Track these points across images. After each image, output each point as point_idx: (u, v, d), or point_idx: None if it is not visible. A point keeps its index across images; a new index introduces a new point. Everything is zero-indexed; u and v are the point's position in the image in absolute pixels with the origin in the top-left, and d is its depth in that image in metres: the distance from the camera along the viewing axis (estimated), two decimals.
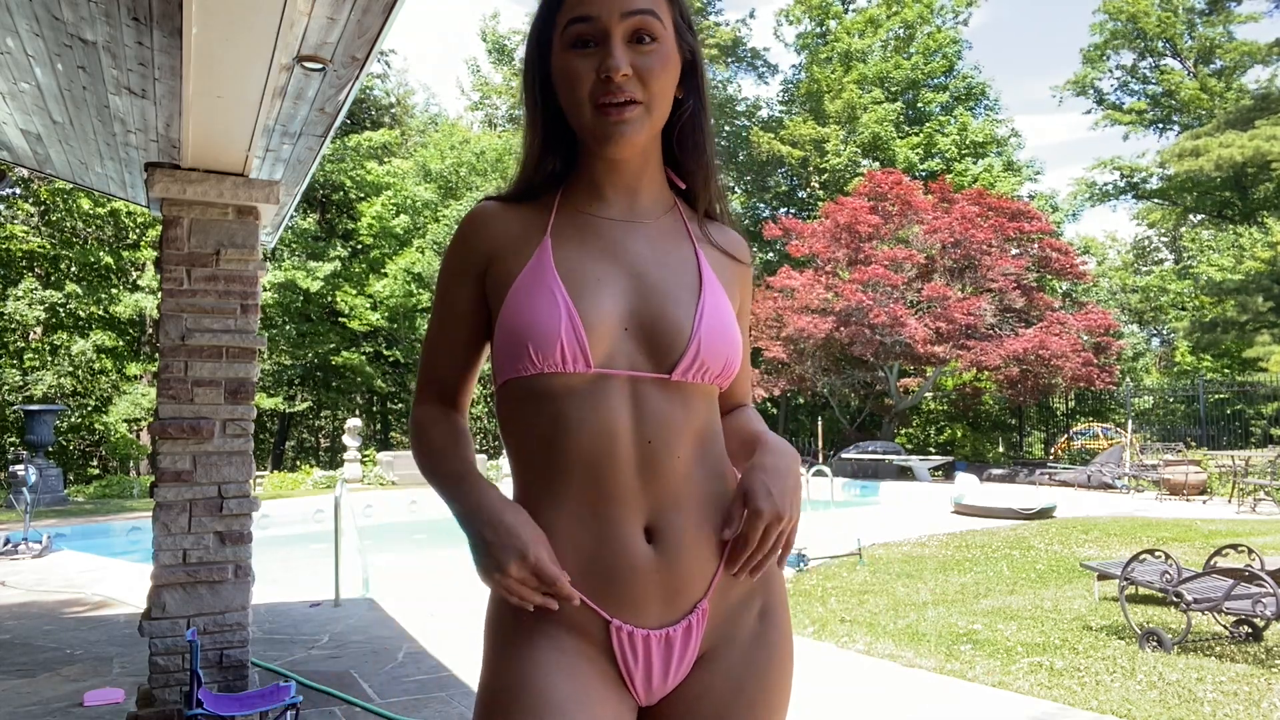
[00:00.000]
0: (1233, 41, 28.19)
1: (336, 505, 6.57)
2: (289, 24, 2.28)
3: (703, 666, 1.09)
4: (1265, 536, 8.59)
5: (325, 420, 27.34)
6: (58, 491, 13.60)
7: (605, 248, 1.11)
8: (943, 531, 9.81)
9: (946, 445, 23.49)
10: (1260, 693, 3.96)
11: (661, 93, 1.08)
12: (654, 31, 1.06)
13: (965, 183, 24.18)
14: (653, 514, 1.05)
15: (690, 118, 1.14)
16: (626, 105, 1.05)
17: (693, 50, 1.13)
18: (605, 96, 1.04)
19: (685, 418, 1.07)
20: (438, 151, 24.64)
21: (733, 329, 1.11)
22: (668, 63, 1.07)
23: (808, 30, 31.36)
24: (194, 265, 3.65)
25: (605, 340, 1.05)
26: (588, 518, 1.05)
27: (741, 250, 1.23)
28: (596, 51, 1.05)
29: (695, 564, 1.07)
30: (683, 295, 1.09)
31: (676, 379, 1.06)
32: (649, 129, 1.08)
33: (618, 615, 1.04)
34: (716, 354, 1.08)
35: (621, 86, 1.04)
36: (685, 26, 1.12)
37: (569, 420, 1.05)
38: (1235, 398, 21.74)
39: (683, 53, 1.11)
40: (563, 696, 1.00)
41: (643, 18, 1.04)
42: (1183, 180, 25.85)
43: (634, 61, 1.04)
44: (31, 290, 18.72)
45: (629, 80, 1.04)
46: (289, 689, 3.29)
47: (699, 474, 1.09)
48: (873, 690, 4.17)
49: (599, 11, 1.04)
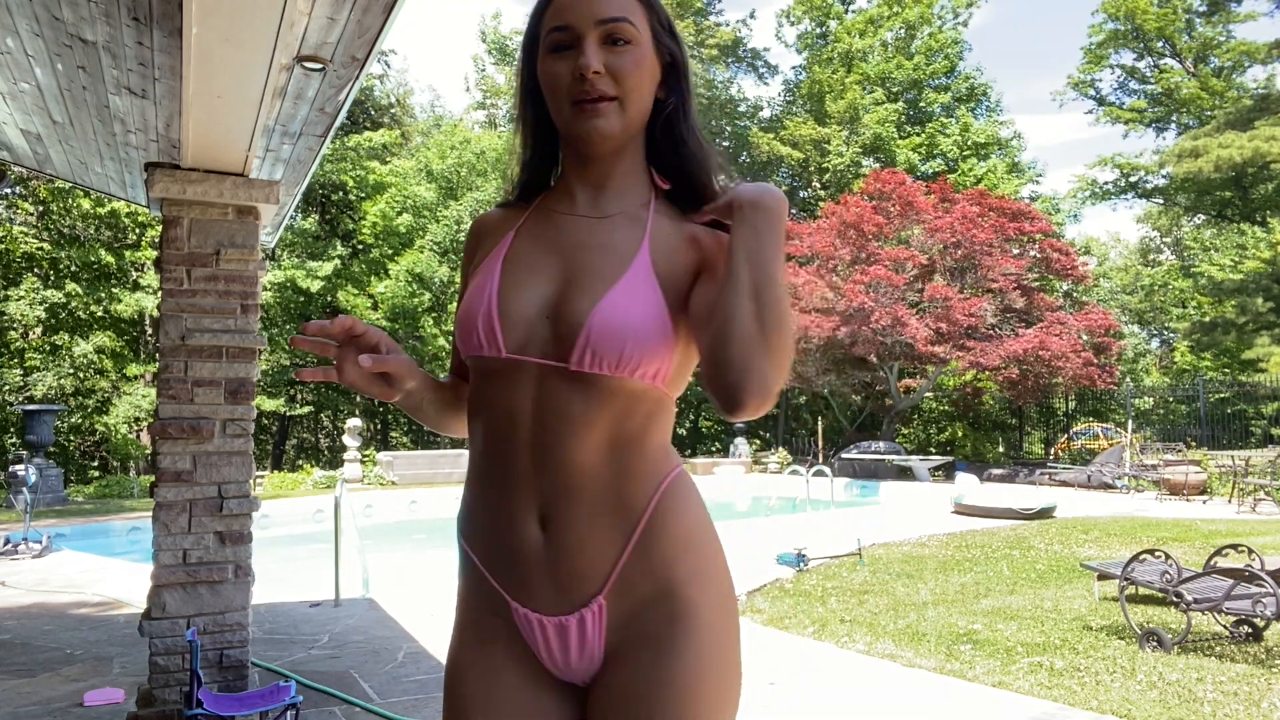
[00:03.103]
0: (1232, 41, 28.20)
1: (336, 505, 6.57)
2: (289, 24, 2.28)
3: (613, 662, 1.10)
4: (1265, 536, 8.59)
5: (325, 420, 27.35)
6: (58, 491, 13.60)
7: (554, 240, 1.16)
8: (943, 531, 9.81)
9: (947, 445, 23.49)
10: (1260, 693, 3.96)
11: (636, 90, 1.13)
12: (627, 35, 1.12)
13: (968, 183, 24.17)
14: (544, 501, 1.08)
15: (670, 117, 1.19)
16: (600, 100, 1.11)
17: (673, 54, 1.18)
18: (580, 94, 1.11)
19: (586, 409, 1.07)
20: (439, 151, 24.65)
21: (645, 319, 1.07)
22: (641, 63, 1.13)
23: (808, 31, 31.36)
24: (194, 265, 3.65)
25: (521, 327, 1.10)
26: (493, 497, 1.12)
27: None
28: (573, 54, 1.12)
29: (586, 557, 1.07)
30: (597, 284, 1.09)
31: (575, 368, 1.06)
32: (624, 124, 1.13)
33: (514, 596, 1.10)
34: (610, 344, 1.05)
35: (594, 83, 1.10)
36: (664, 31, 1.17)
37: (484, 400, 1.13)
38: (1235, 398, 21.74)
39: (661, 56, 1.17)
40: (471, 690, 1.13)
41: (616, 24, 1.11)
42: (1182, 180, 25.84)
43: (607, 61, 1.11)
44: (32, 290, 18.73)
45: (602, 78, 1.10)
46: (289, 689, 3.29)
47: (603, 470, 1.08)
48: (873, 690, 4.17)
49: (574, 20, 1.11)
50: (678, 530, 1.10)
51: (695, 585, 1.09)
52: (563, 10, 1.12)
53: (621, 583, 1.08)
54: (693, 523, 1.12)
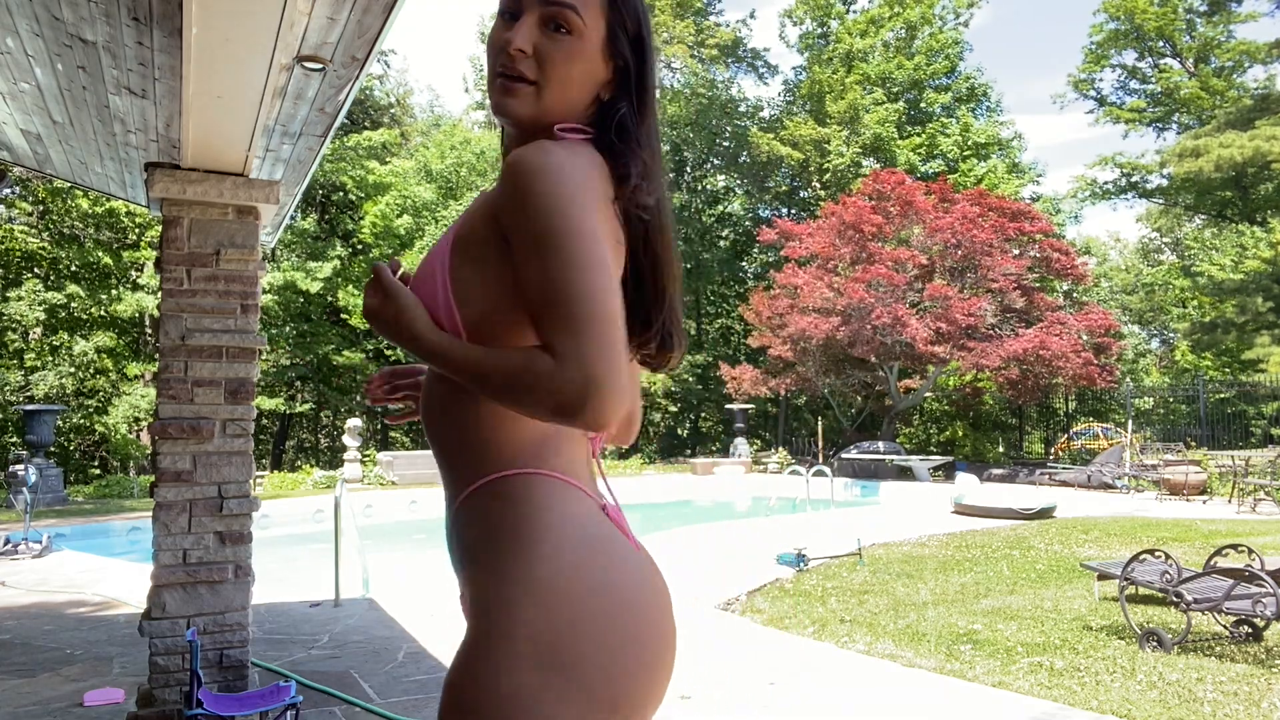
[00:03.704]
0: (1232, 41, 28.21)
1: (336, 505, 6.57)
2: (289, 24, 2.28)
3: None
4: (1265, 536, 8.59)
5: (325, 420, 27.35)
6: (58, 491, 13.60)
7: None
8: (943, 531, 9.81)
9: (947, 445, 23.48)
10: (1260, 693, 3.96)
11: (559, 81, 1.09)
12: (569, 24, 1.09)
13: (968, 184, 24.18)
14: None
15: (621, 121, 1.12)
16: (517, 81, 1.09)
17: (627, 60, 1.13)
18: (500, 66, 1.10)
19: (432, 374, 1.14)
20: (438, 151, 24.65)
21: (423, 277, 1.08)
22: (574, 56, 1.09)
23: (810, 31, 31.37)
24: (194, 265, 3.65)
25: None
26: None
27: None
28: (511, 24, 1.10)
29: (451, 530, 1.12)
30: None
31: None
32: (537, 110, 1.10)
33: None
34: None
35: (515, 60, 1.08)
36: (623, 35, 1.12)
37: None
38: (1236, 398, 21.75)
39: (613, 59, 1.12)
40: None
41: (560, 10, 1.08)
42: (1183, 180, 25.85)
43: (539, 43, 1.08)
44: (32, 290, 18.73)
45: (524, 58, 1.08)
46: (289, 689, 3.29)
47: (445, 436, 1.10)
48: (873, 690, 4.17)
49: None
50: (477, 555, 1.06)
51: (486, 578, 1.03)
52: None
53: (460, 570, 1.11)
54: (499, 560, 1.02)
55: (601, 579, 1.01)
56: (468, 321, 1.04)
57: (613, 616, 0.99)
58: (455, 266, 1.07)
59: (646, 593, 1.04)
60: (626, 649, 1.00)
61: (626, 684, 0.99)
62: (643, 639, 1.01)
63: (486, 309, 1.05)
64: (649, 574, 1.07)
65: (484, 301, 1.05)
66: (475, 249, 1.06)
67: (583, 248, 0.96)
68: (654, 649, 1.03)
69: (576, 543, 1.01)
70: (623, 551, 1.05)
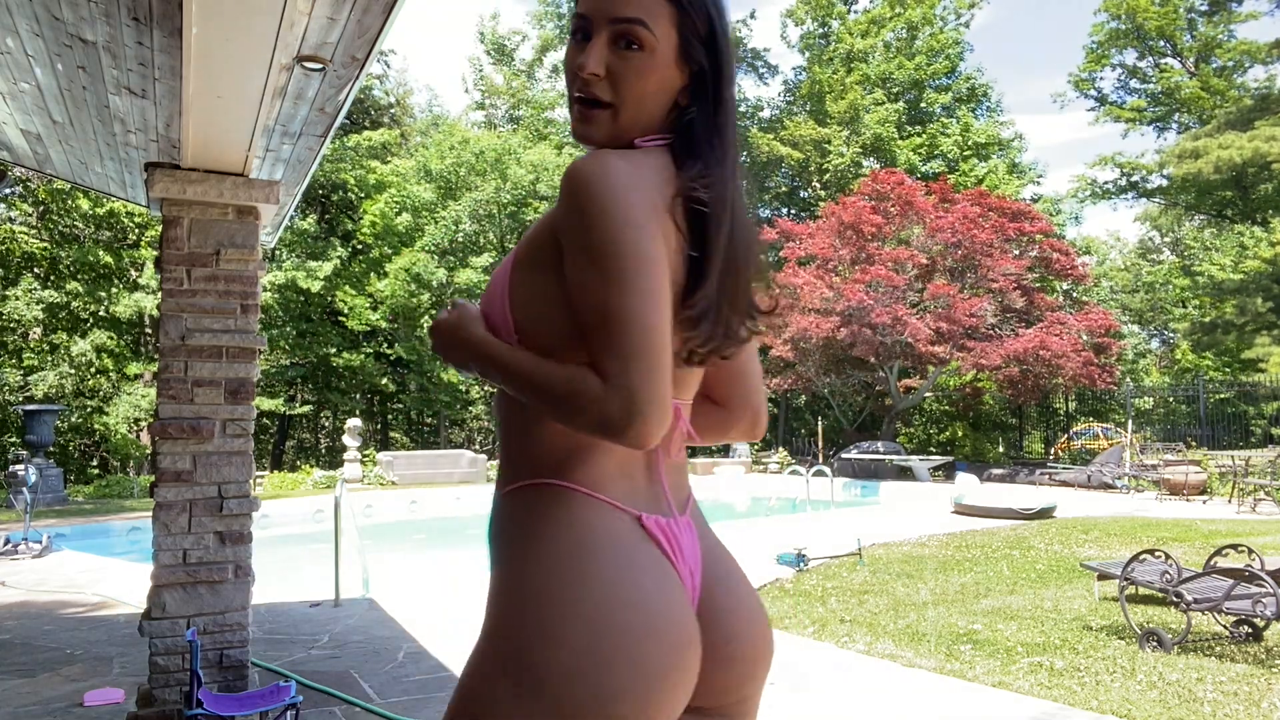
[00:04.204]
0: (1233, 41, 28.22)
1: (336, 505, 6.57)
2: (289, 24, 2.28)
3: None
4: (1265, 536, 8.59)
5: (325, 420, 27.35)
6: (58, 491, 13.60)
7: None
8: (943, 531, 9.81)
9: (947, 445, 23.48)
10: (1260, 693, 3.96)
11: (635, 99, 1.10)
12: (641, 40, 1.08)
13: (969, 184, 24.19)
14: None
15: (690, 124, 1.13)
16: (592, 104, 1.11)
17: (702, 64, 1.12)
18: (577, 91, 1.11)
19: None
20: (438, 151, 24.64)
21: (490, 289, 1.12)
22: (646, 72, 1.09)
23: (811, 30, 31.37)
24: (194, 265, 3.65)
25: None
26: None
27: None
28: (584, 45, 1.11)
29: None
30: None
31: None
32: (614, 131, 1.12)
33: None
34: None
35: (589, 84, 1.09)
36: (696, 40, 1.12)
37: None
38: (1236, 398, 21.75)
39: (689, 64, 1.12)
40: None
41: (629, 27, 1.08)
42: (1183, 180, 25.87)
43: (611, 63, 1.09)
44: (31, 290, 18.73)
45: (598, 81, 1.09)
46: (289, 689, 3.29)
47: (499, 440, 1.15)
48: (873, 690, 4.17)
49: (590, 10, 1.10)
50: (500, 561, 1.08)
51: (501, 533, 1.09)
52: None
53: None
54: (516, 567, 1.05)
55: (577, 591, 0.99)
56: (519, 323, 1.08)
57: (594, 632, 0.97)
58: (515, 271, 1.10)
59: (642, 615, 1.00)
60: (607, 669, 0.96)
61: (617, 705, 0.96)
62: (633, 661, 0.97)
63: (538, 312, 1.07)
64: (654, 596, 1.02)
65: (536, 305, 1.07)
66: (533, 254, 1.09)
67: (637, 271, 0.98)
68: (644, 674, 0.98)
69: (567, 555, 1.01)
70: (625, 568, 1.02)
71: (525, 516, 1.06)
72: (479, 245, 24.05)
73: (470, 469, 17.13)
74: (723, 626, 1.11)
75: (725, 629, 1.11)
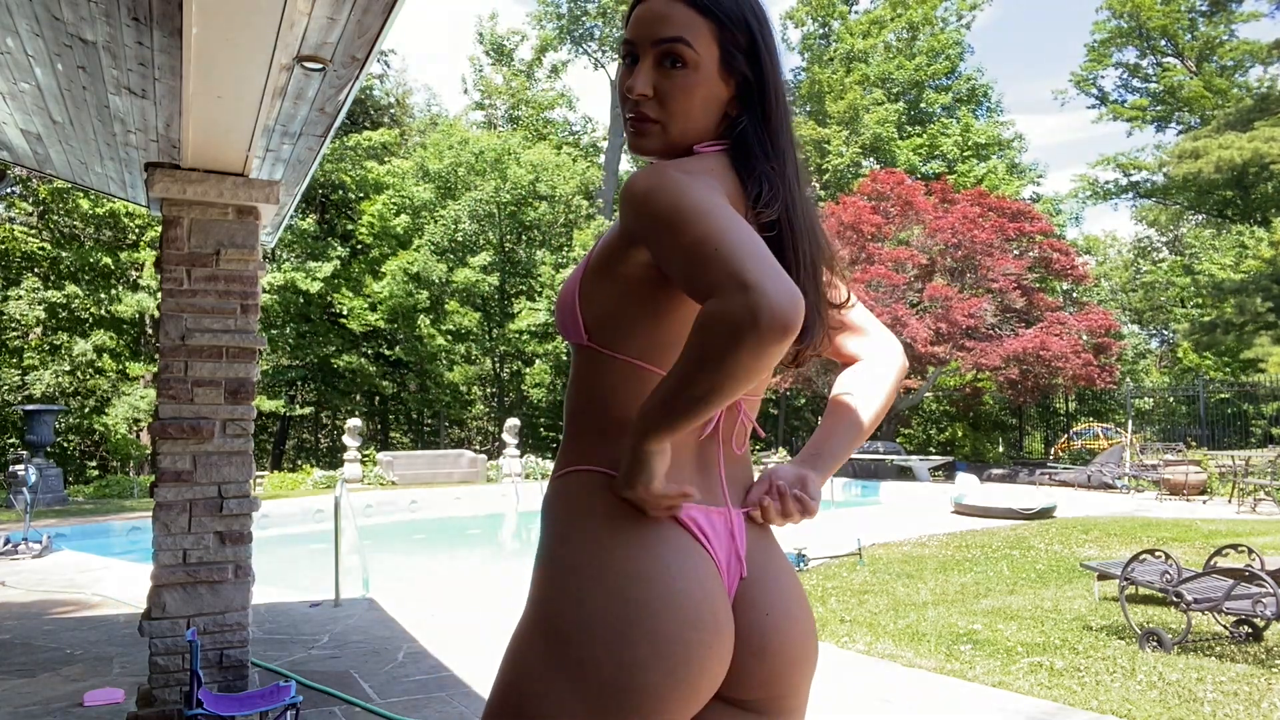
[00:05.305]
0: (1234, 40, 28.23)
1: (336, 505, 6.57)
2: (289, 24, 2.28)
3: None
4: (1265, 536, 8.59)
5: (325, 420, 27.35)
6: (58, 491, 13.59)
7: None
8: (943, 531, 9.81)
9: (947, 445, 23.49)
10: (1260, 693, 3.96)
11: (682, 115, 1.16)
12: (684, 57, 1.14)
13: (969, 184, 24.19)
14: None
15: (743, 133, 1.18)
16: (644, 122, 1.17)
17: (745, 75, 1.17)
18: (628, 111, 1.18)
19: (570, 375, 1.22)
20: (436, 151, 24.64)
21: (562, 296, 1.19)
22: (691, 87, 1.15)
23: (812, 31, 31.39)
24: (194, 265, 3.65)
25: None
26: None
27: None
28: (633, 69, 1.18)
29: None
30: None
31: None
32: (665, 144, 1.18)
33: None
34: (556, 312, 1.22)
35: (638, 105, 1.16)
36: (738, 51, 1.16)
37: None
38: (1236, 398, 21.75)
39: (732, 75, 1.16)
40: None
41: (671, 45, 1.14)
42: (1183, 180, 25.88)
43: (658, 83, 1.15)
44: (32, 290, 18.72)
45: (647, 101, 1.16)
46: (289, 689, 3.29)
47: (566, 429, 1.20)
48: (872, 690, 4.17)
49: (635, 37, 1.17)
50: (545, 542, 1.15)
51: (546, 519, 1.16)
52: (632, 24, 1.17)
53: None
54: (557, 551, 1.11)
55: (605, 564, 1.07)
56: (588, 323, 1.14)
57: (614, 601, 1.04)
58: (586, 278, 1.16)
59: (659, 589, 1.04)
60: (624, 638, 1.02)
61: (635, 674, 1.01)
62: (649, 633, 1.02)
63: (606, 310, 1.14)
64: (676, 575, 1.06)
65: (606, 303, 1.13)
66: (602, 263, 1.14)
67: (709, 212, 0.99)
68: (664, 648, 1.02)
69: (601, 532, 1.09)
70: (651, 546, 1.07)
71: (569, 498, 1.14)
72: (478, 245, 24.06)
73: (470, 469, 17.11)
74: (756, 618, 1.14)
75: (758, 621, 1.14)
